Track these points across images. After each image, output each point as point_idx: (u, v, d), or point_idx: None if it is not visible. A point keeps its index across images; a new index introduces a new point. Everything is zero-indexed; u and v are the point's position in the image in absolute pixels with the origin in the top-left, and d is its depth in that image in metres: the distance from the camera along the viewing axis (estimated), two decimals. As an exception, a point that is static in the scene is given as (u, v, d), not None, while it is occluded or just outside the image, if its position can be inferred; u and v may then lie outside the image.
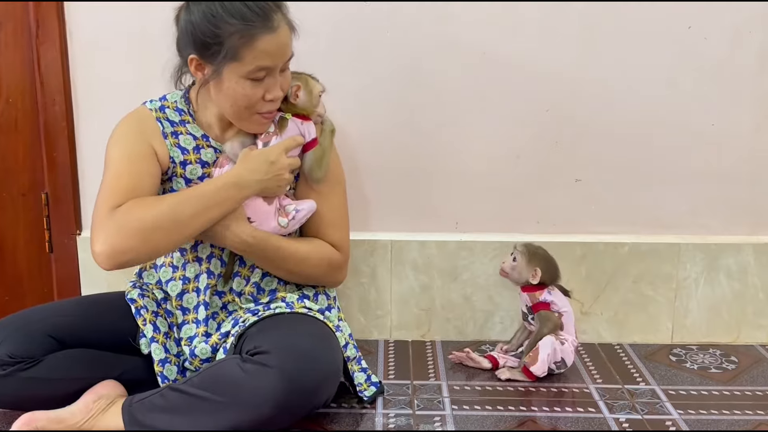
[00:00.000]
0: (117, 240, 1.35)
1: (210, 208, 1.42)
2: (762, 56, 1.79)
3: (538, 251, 1.74)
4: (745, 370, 1.78)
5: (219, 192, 1.42)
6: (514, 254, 1.74)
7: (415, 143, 1.85)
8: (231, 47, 1.37)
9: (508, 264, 1.74)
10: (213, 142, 1.53)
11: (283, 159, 1.46)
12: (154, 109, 1.52)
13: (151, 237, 1.37)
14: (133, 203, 1.38)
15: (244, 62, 1.38)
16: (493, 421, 1.52)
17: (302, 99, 1.51)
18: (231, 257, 1.54)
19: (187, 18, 1.40)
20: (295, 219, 1.52)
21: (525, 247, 1.73)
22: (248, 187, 1.44)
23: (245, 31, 1.36)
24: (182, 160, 1.51)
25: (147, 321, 1.52)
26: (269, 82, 1.42)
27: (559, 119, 1.83)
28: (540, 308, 1.71)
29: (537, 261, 1.71)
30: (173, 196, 1.43)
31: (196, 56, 1.41)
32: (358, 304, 1.92)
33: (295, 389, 1.32)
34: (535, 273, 1.70)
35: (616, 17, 1.77)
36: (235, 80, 1.40)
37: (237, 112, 1.45)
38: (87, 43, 1.81)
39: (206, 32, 1.37)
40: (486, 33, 1.78)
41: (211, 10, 1.37)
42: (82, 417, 1.41)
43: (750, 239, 1.88)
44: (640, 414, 1.56)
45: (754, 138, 1.84)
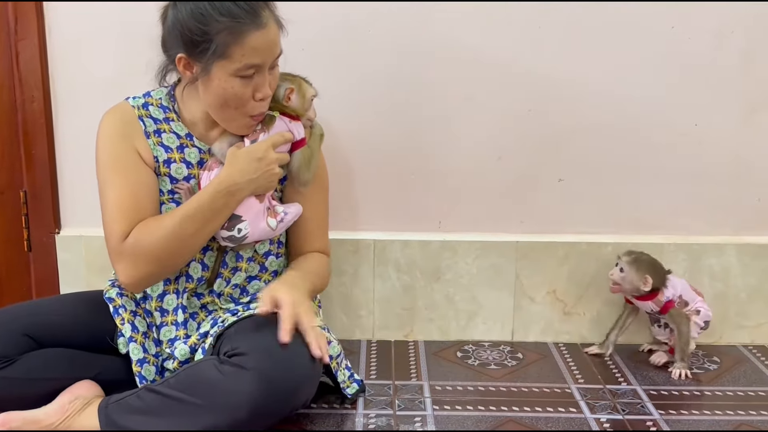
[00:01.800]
0: (134, 272, 1.42)
1: (210, 220, 1.43)
2: (745, 56, 1.79)
3: (643, 257, 1.75)
4: (727, 370, 1.78)
5: (214, 202, 1.42)
6: (620, 265, 1.74)
7: (398, 143, 1.84)
8: (220, 44, 1.35)
9: (617, 275, 1.75)
10: (197, 141, 1.51)
11: (271, 154, 1.45)
12: (137, 106, 1.50)
13: (165, 260, 1.42)
14: (140, 232, 1.41)
15: (233, 59, 1.37)
16: (473, 421, 1.52)
17: (294, 102, 1.50)
18: (215, 262, 1.53)
19: (175, 16, 1.38)
20: (284, 222, 1.51)
21: (629, 256, 1.74)
22: (241, 190, 1.43)
23: (234, 28, 1.35)
24: (166, 159, 1.49)
25: (125, 320, 1.51)
26: (258, 80, 1.40)
27: (542, 119, 1.82)
28: (669, 307, 1.73)
29: (645, 268, 1.72)
30: (174, 215, 1.42)
31: (185, 55, 1.39)
32: (340, 304, 1.91)
33: (273, 391, 1.31)
34: (646, 281, 1.71)
35: (600, 17, 1.77)
36: (224, 78, 1.38)
37: (226, 113, 1.44)
38: (66, 39, 1.79)
39: (194, 30, 1.36)
40: (469, 33, 1.77)
41: (199, 8, 1.35)
42: (57, 418, 1.40)
43: (732, 239, 1.89)
44: (621, 414, 1.55)
45: (737, 138, 1.84)
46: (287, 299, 1.36)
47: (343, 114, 1.82)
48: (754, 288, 1.89)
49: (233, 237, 1.47)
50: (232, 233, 1.46)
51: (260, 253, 1.57)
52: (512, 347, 1.89)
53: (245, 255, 1.54)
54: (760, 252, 1.88)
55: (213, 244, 1.52)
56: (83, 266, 1.88)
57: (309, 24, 1.75)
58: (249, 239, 1.48)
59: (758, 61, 1.79)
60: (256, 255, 1.57)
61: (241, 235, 1.47)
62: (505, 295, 1.90)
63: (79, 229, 1.88)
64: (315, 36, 1.77)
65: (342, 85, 1.80)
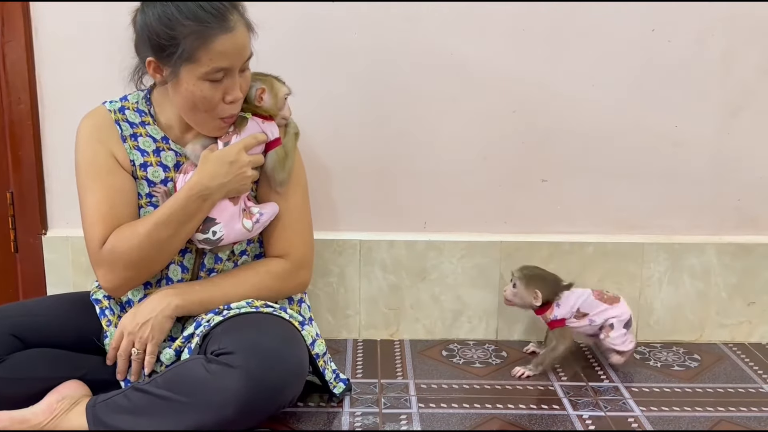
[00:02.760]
0: (113, 277, 1.45)
1: (184, 224, 1.44)
2: (725, 59, 1.82)
3: (535, 271, 1.75)
4: (707, 367, 1.81)
5: (187, 206, 1.42)
6: (513, 280, 1.76)
7: (383, 144, 1.86)
8: (187, 48, 1.36)
9: (509, 291, 1.76)
10: (173, 144, 1.52)
11: (243, 157, 1.45)
12: (113, 110, 1.51)
13: (142, 265, 1.45)
14: (115, 239, 1.43)
15: (201, 63, 1.37)
16: (458, 419, 1.54)
17: (267, 102, 1.49)
18: (194, 263, 1.54)
19: (143, 20, 1.39)
20: (260, 222, 1.51)
21: (521, 272, 1.75)
22: (212, 194, 1.44)
23: (201, 32, 1.35)
24: (142, 162, 1.50)
25: (112, 323, 1.52)
26: (228, 83, 1.41)
27: (525, 120, 1.85)
28: (555, 326, 1.74)
29: (535, 283, 1.73)
30: (147, 221, 1.43)
31: (154, 58, 1.40)
32: (326, 304, 1.93)
33: (260, 389, 1.32)
34: (536, 295, 1.72)
35: (582, 20, 1.79)
36: (192, 82, 1.39)
37: (196, 116, 1.44)
38: (53, 41, 1.80)
39: (161, 34, 1.36)
40: (453, 34, 1.79)
41: (165, 12, 1.36)
42: (45, 417, 1.40)
43: (713, 239, 1.92)
44: (603, 411, 1.58)
45: (717, 139, 1.87)
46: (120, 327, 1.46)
47: (330, 115, 1.83)
48: (734, 287, 1.92)
49: (208, 240, 1.48)
50: (207, 236, 1.47)
51: (236, 253, 1.57)
52: (497, 346, 1.91)
53: (223, 256, 1.55)
54: (740, 252, 1.91)
55: (191, 246, 1.53)
56: (70, 267, 1.88)
57: (293, 25, 1.77)
58: (225, 241, 1.49)
59: (738, 62, 1.82)
60: (232, 255, 1.57)
61: (216, 238, 1.47)
62: (490, 294, 1.92)
63: (66, 231, 1.89)
64: (301, 37, 1.78)
65: (328, 86, 1.81)
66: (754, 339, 1.96)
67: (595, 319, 1.74)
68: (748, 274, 1.92)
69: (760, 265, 1.91)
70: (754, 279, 1.92)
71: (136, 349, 1.44)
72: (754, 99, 1.85)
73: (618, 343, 1.73)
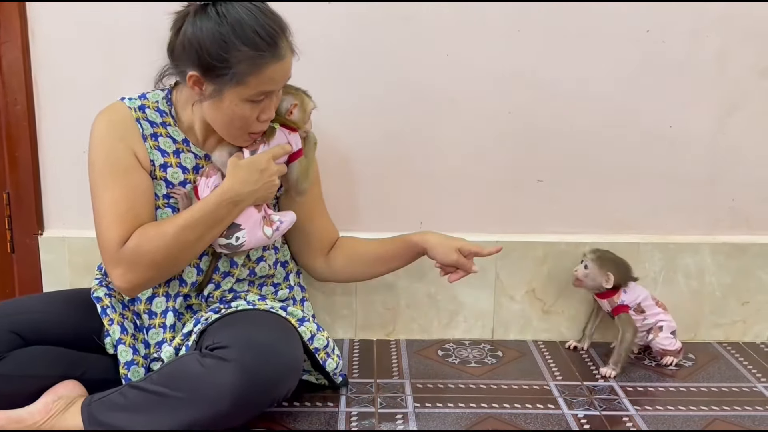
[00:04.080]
0: (133, 277, 1.43)
1: (211, 228, 1.44)
2: (719, 59, 1.83)
3: (607, 255, 1.79)
4: (702, 367, 1.82)
5: (217, 211, 1.43)
6: (585, 262, 1.78)
7: (379, 144, 1.86)
8: (238, 73, 1.35)
9: (580, 272, 1.79)
10: (193, 147, 1.52)
11: (272, 166, 1.47)
12: (134, 108, 1.49)
13: (164, 266, 1.45)
14: (139, 238, 1.41)
15: (249, 87, 1.37)
16: (454, 418, 1.54)
17: (296, 116, 1.53)
18: (209, 266, 1.54)
19: (194, 33, 1.35)
20: (279, 230, 1.53)
21: (594, 253, 1.78)
22: (244, 200, 1.45)
23: (255, 59, 1.35)
24: (162, 163, 1.49)
25: (114, 321, 1.51)
26: (266, 103, 1.42)
27: (521, 121, 1.85)
28: (620, 311, 1.77)
29: (608, 265, 1.76)
30: (175, 222, 1.43)
31: (198, 74, 1.38)
32: (323, 304, 1.93)
33: (255, 382, 1.32)
34: (608, 278, 1.75)
35: (577, 21, 1.80)
36: (235, 102, 1.39)
37: (230, 131, 1.45)
38: (49, 42, 1.80)
39: (214, 55, 1.34)
40: (449, 35, 1.80)
41: (221, 33, 1.33)
42: (41, 417, 1.40)
43: (707, 239, 1.93)
44: (598, 410, 1.58)
45: (712, 139, 1.88)
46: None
47: (326, 116, 1.82)
48: (728, 286, 1.93)
49: (230, 245, 1.48)
50: (230, 241, 1.48)
51: (252, 258, 1.59)
52: (492, 345, 1.92)
53: (239, 261, 1.56)
54: (735, 251, 1.92)
55: (209, 249, 1.53)
56: (66, 267, 1.88)
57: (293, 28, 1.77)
58: (245, 247, 1.50)
59: (732, 63, 1.83)
60: (247, 261, 1.59)
61: (238, 243, 1.48)
62: (486, 294, 1.93)
63: (62, 231, 1.89)
64: (296, 37, 1.78)
65: (324, 87, 1.80)
66: (748, 338, 1.97)
67: (648, 319, 1.78)
68: (743, 273, 1.92)
69: (754, 265, 1.92)
70: (749, 279, 1.93)
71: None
72: (748, 99, 1.86)
73: (666, 344, 1.78)
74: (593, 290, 1.81)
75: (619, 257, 1.80)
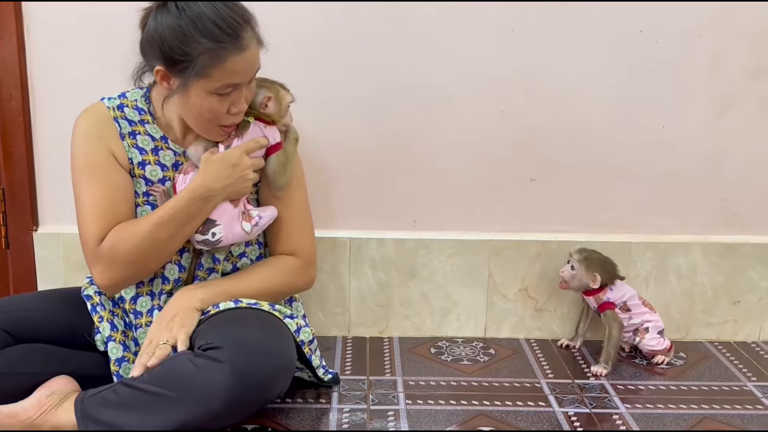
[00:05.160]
0: (111, 274, 1.45)
1: (185, 225, 1.45)
2: (712, 59, 1.84)
3: (594, 255, 1.80)
4: (692, 365, 1.83)
5: (189, 207, 1.43)
6: (572, 262, 1.79)
7: (374, 144, 1.87)
8: (199, 65, 1.35)
9: (567, 273, 1.80)
10: (172, 144, 1.53)
11: (245, 159, 1.47)
12: (112, 107, 1.51)
13: (140, 263, 1.46)
14: (115, 237, 1.43)
15: (212, 80, 1.37)
16: (445, 416, 1.55)
17: (271, 109, 1.51)
18: (191, 263, 1.55)
19: (155, 26, 1.37)
20: (258, 225, 1.53)
21: (581, 254, 1.79)
22: (215, 195, 1.45)
23: (215, 51, 1.35)
24: (140, 161, 1.50)
25: (104, 319, 1.53)
26: (235, 95, 1.42)
27: (514, 120, 1.86)
28: (606, 308, 1.78)
29: (595, 266, 1.78)
30: (148, 220, 1.44)
31: (163, 68, 1.39)
32: (317, 301, 1.94)
33: (248, 383, 1.33)
34: (595, 278, 1.77)
35: (570, 21, 1.80)
36: (202, 96, 1.39)
37: (200, 124, 1.45)
38: (45, 38, 1.80)
39: (175, 49, 1.35)
40: (443, 34, 1.81)
41: (180, 26, 1.34)
42: (34, 412, 1.40)
43: (699, 239, 1.94)
44: (589, 408, 1.59)
45: (705, 139, 1.89)
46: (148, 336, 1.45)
47: (322, 114, 1.84)
48: (719, 286, 1.94)
49: (207, 241, 1.49)
50: (206, 237, 1.48)
51: (235, 254, 1.59)
52: (485, 343, 1.93)
53: (221, 257, 1.56)
54: (726, 251, 1.93)
55: (189, 246, 1.53)
56: (61, 263, 1.89)
57: (284, 24, 1.78)
58: (223, 243, 1.50)
59: (725, 63, 1.84)
60: (230, 256, 1.59)
61: (215, 239, 1.49)
62: (479, 292, 1.94)
63: (57, 227, 1.90)
64: (292, 37, 1.79)
65: (319, 86, 1.82)
66: (739, 338, 1.98)
67: (634, 318, 1.79)
68: (734, 273, 1.94)
69: (745, 265, 1.93)
70: (740, 278, 1.94)
71: (165, 339, 1.42)
72: (740, 99, 1.87)
73: (654, 345, 1.80)
74: (579, 290, 1.83)
75: (605, 256, 1.81)
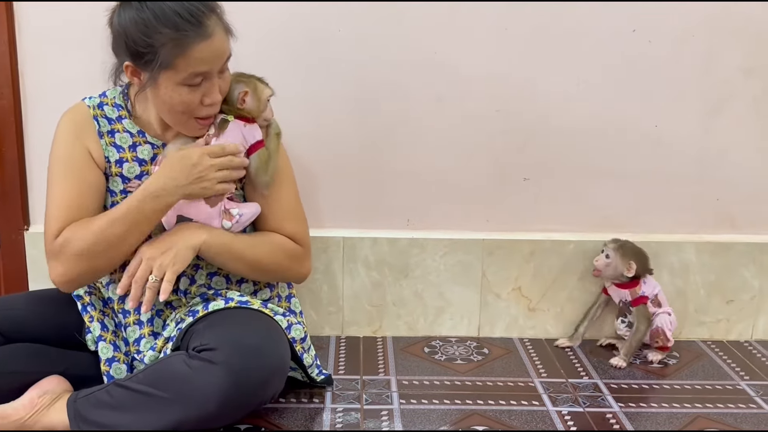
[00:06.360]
0: (63, 270, 1.42)
1: (139, 223, 1.41)
2: (705, 59, 1.84)
3: (628, 245, 1.82)
4: (686, 364, 1.83)
5: (141, 206, 1.40)
6: (606, 251, 1.82)
7: (366, 142, 1.87)
8: (164, 56, 1.34)
9: (601, 262, 1.82)
10: (150, 138, 1.52)
11: (205, 160, 1.42)
12: (92, 106, 1.51)
13: (92, 261, 1.41)
14: (69, 232, 1.41)
15: (179, 70, 1.36)
16: (439, 415, 1.55)
17: (249, 104, 1.48)
18: None
19: (119, 22, 1.37)
20: (240, 222, 1.51)
21: (615, 243, 1.82)
22: (169, 195, 1.40)
23: (178, 40, 1.34)
24: (118, 159, 1.50)
25: (94, 319, 1.52)
26: (206, 86, 1.40)
27: (508, 119, 1.86)
28: (640, 302, 1.80)
29: (630, 255, 1.80)
30: (102, 217, 1.42)
31: (131, 63, 1.39)
32: (310, 301, 1.93)
33: (242, 384, 1.32)
34: (630, 266, 1.79)
35: (564, 20, 1.81)
36: (171, 87, 1.38)
37: (174, 117, 1.44)
38: (36, 37, 1.79)
39: (138, 41, 1.35)
40: (437, 33, 1.80)
41: (141, 18, 1.34)
42: (26, 412, 1.40)
43: (691, 238, 1.94)
44: (582, 407, 1.60)
45: (698, 139, 1.89)
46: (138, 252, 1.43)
47: (316, 113, 1.84)
48: (712, 285, 1.95)
49: None
50: None
51: None
52: (478, 342, 1.93)
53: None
54: (718, 250, 1.93)
55: None
56: (53, 263, 1.88)
57: (276, 24, 1.77)
58: None
59: (718, 63, 1.85)
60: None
61: None
62: (472, 291, 1.94)
63: (49, 226, 1.89)
64: (286, 36, 1.79)
65: (313, 85, 1.82)
66: (732, 336, 1.98)
67: (660, 313, 1.82)
68: (727, 272, 1.94)
69: (738, 264, 1.94)
70: (733, 277, 1.94)
71: (153, 275, 1.40)
72: (733, 99, 1.87)
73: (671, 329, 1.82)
74: (612, 280, 1.83)
75: (639, 247, 1.83)
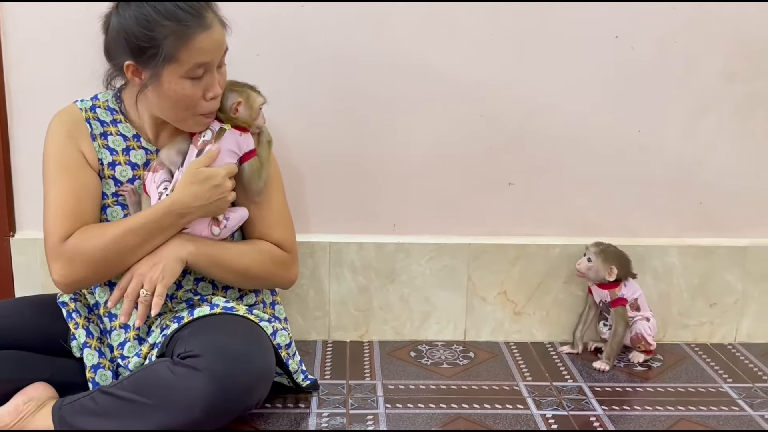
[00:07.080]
0: (70, 272, 1.43)
1: (154, 236, 1.44)
2: (687, 65, 1.86)
3: (610, 248, 1.84)
4: (669, 367, 1.84)
5: (162, 220, 1.43)
6: (588, 255, 1.83)
7: (352, 146, 1.87)
8: (167, 49, 1.37)
9: (583, 265, 1.83)
10: (144, 142, 1.53)
11: (227, 183, 1.47)
12: (85, 108, 1.52)
13: (101, 267, 1.44)
14: (81, 236, 1.43)
15: (182, 62, 1.38)
16: (424, 419, 1.56)
17: (242, 113, 1.51)
18: None
19: (118, 22, 1.39)
20: (227, 227, 1.52)
21: (597, 247, 1.83)
22: (191, 213, 1.45)
23: (181, 32, 1.37)
24: (110, 161, 1.51)
25: (80, 325, 1.52)
26: (208, 79, 1.43)
27: (492, 124, 1.87)
28: (618, 304, 1.82)
29: (612, 259, 1.81)
30: (119, 224, 1.44)
31: (132, 62, 1.40)
32: (296, 306, 1.94)
33: (227, 391, 1.33)
34: (611, 270, 1.80)
35: (548, 26, 1.82)
36: (174, 81, 1.40)
37: (177, 114, 1.46)
38: (21, 41, 1.79)
39: (140, 37, 1.37)
40: (421, 38, 1.81)
41: (143, 14, 1.37)
42: (11, 419, 1.40)
43: (675, 241, 1.96)
44: (566, 410, 1.61)
45: (680, 144, 1.91)
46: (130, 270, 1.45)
47: (300, 118, 1.84)
48: (695, 288, 1.96)
49: None
50: None
51: None
52: (464, 346, 1.94)
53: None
54: (702, 253, 1.95)
55: None
56: (38, 269, 1.87)
57: (262, 27, 1.78)
58: None
59: (700, 68, 1.86)
60: None
61: None
62: (458, 295, 1.95)
63: (34, 232, 1.87)
64: (270, 39, 1.79)
65: (297, 89, 1.83)
66: (715, 339, 2.00)
67: (638, 318, 1.84)
68: (710, 275, 1.96)
69: (721, 267, 1.96)
70: (716, 280, 1.96)
71: (144, 290, 1.42)
72: (715, 104, 1.89)
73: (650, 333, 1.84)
74: (595, 282, 1.85)
75: (621, 251, 1.85)
